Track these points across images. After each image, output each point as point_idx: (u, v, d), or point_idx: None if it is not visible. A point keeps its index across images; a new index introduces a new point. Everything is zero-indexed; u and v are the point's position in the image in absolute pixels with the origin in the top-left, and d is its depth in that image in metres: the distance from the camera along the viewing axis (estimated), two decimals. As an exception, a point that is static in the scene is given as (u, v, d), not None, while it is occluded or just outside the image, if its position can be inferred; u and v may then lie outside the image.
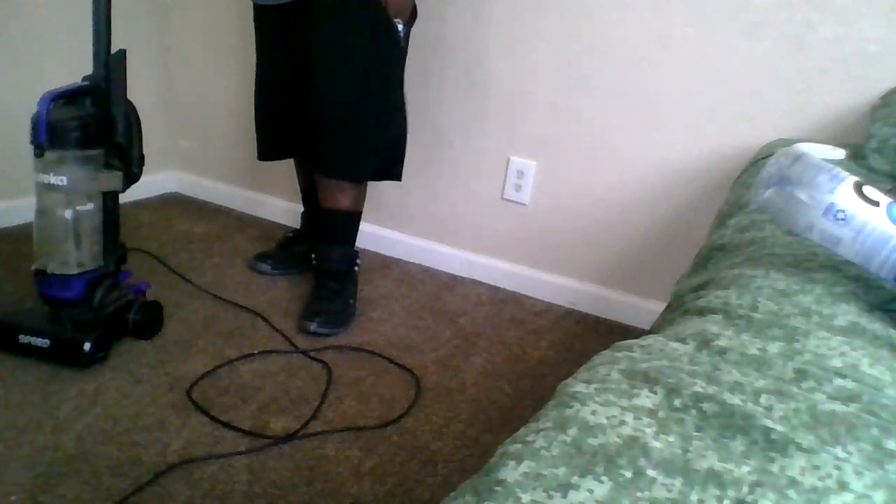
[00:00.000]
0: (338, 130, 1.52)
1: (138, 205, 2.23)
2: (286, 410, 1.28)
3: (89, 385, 1.27)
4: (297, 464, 1.15)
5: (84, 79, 1.29)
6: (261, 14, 1.60)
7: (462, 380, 1.46)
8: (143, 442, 1.15)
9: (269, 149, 1.72)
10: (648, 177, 1.73)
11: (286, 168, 2.15)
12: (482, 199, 1.96)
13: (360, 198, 1.65)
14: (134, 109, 1.33)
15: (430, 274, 2.02)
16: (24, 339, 1.28)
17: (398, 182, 1.73)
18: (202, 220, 2.17)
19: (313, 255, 1.71)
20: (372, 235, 2.12)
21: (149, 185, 2.33)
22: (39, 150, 1.21)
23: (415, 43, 1.89)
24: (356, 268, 1.71)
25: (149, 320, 1.44)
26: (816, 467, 0.39)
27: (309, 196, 1.84)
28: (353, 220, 1.66)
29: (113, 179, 1.30)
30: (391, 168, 1.70)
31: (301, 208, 1.93)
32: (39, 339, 1.28)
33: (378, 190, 2.06)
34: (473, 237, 2.00)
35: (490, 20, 1.80)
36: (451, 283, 1.97)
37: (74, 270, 1.28)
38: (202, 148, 2.37)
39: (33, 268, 1.28)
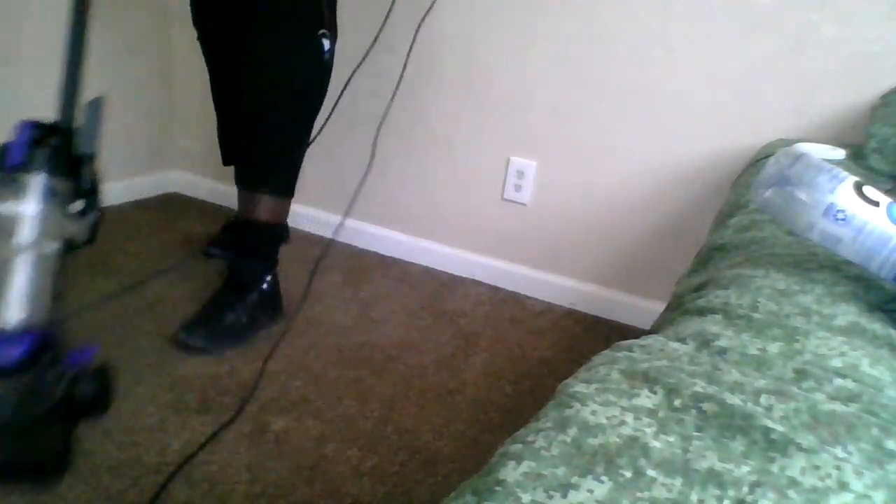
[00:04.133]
0: (260, 142, 1.47)
1: (138, 205, 2.23)
2: (286, 410, 1.28)
3: (89, 385, 1.27)
4: (297, 464, 1.15)
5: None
6: (202, 26, 1.59)
7: (462, 380, 1.46)
8: (143, 442, 1.15)
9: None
10: (648, 177, 1.73)
11: (286, 168, 2.14)
12: (482, 199, 1.96)
13: (280, 211, 1.55)
14: (98, 177, 1.12)
15: (430, 274, 2.02)
16: None
17: (398, 182, 1.73)
18: (202, 220, 2.17)
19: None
20: (372, 235, 2.12)
21: (149, 185, 2.33)
22: (8, 170, 1.01)
23: (416, 43, 1.89)
24: (266, 285, 1.55)
25: (99, 394, 1.10)
26: (816, 467, 0.39)
27: None
28: (268, 232, 1.55)
29: (75, 226, 1.08)
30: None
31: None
32: None
33: (378, 190, 2.06)
34: (473, 237, 2.00)
35: (490, 20, 1.80)
36: (451, 283, 1.97)
37: (17, 325, 0.98)
38: (202, 148, 2.37)
39: None
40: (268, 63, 1.43)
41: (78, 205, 1.08)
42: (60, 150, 1.06)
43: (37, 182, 1.02)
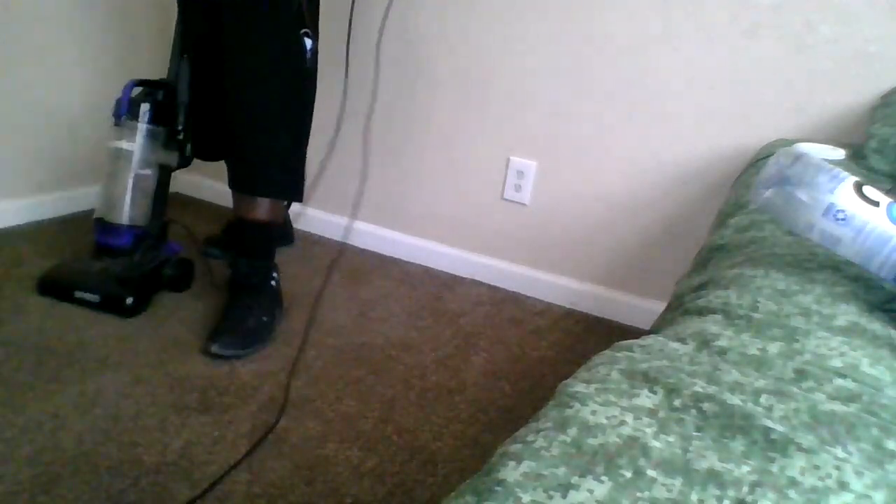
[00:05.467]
0: (248, 145, 1.46)
1: (138, 205, 2.23)
2: (286, 411, 1.28)
3: (89, 385, 1.27)
4: (297, 464, 1.15)
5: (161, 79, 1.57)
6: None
7: (462, 380, 1.46)
8: (143, 442, 1.15)
9: (204, 148, 1.64)
10: (648, 177, 1.73)
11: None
12: (482, 199, 1.96)
13: (276, 209, 1.56)
14: (191, 111, 1.57)
15: (430, 274, 2.02)
16: (78, 294, 1.53)
17: (398, 182, 1.73)
18: (202, 220, 2.17)
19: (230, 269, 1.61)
20: (372, 235, 2.12)
21: (149, 185, 2.33)
22: (118, 119, 1.50)
23: (416, 43, 1.89)
24: (273, 282, 1.58)
25: (181, 275, 1.65)
26: (816, 467, 0.39)
27: None
28: (267, 231, 1.57)
29: (170, 156, 1.56)
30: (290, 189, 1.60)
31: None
32: (90, 295, 1.52)
33: (378, 190, 2.06)
34: (473, 237, 2.00)
35: (490, 20, 1.80)
36: (451, 283, 1.97)
37: (126, 222, 1.53)
38: (202, 148, 2.37)
39: (94, 217, 1.55)
40: (250, 64, 1.41)
41: (171, 143, 1.56)
42: (162, 103, 1.54)
43: (141, 128, 1.52)
